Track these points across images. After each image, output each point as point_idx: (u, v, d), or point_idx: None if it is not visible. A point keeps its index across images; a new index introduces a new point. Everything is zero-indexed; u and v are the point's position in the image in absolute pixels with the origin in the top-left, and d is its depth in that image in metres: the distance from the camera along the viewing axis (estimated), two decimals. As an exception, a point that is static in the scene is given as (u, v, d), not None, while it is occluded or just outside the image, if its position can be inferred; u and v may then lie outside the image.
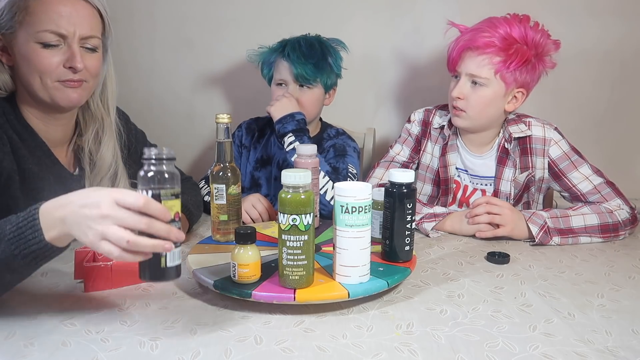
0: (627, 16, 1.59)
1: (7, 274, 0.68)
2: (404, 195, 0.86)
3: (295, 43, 1.33)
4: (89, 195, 0.66)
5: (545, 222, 1.11)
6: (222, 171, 0.98)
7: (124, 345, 0.65)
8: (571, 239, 1.11)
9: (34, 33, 0.89)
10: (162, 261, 0.65)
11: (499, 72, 1.16)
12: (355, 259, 0.77)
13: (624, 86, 1.65)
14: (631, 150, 1.70)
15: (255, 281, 0.78)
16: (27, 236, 0.66)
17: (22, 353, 0.64)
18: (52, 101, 0.94)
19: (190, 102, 1.71)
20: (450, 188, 1.30)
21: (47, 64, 0.90)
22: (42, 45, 0.90)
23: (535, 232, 1.09)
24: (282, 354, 0.64)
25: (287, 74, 1.33)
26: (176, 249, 0.66)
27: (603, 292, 0.85)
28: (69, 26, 0.90)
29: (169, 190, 0.66)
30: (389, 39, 1.63)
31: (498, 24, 1.17)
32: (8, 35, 0.91)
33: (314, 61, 1.31)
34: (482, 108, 1.19)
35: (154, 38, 1.65)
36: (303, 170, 0.74)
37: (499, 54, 1.15)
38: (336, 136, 1.45)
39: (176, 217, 0.66)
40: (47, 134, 0.99)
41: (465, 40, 1.19)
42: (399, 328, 0.71)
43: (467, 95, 1.19)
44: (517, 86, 1.19)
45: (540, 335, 0.70)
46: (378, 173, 1.33)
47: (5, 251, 0.65)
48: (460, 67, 1.20)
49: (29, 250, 0.66)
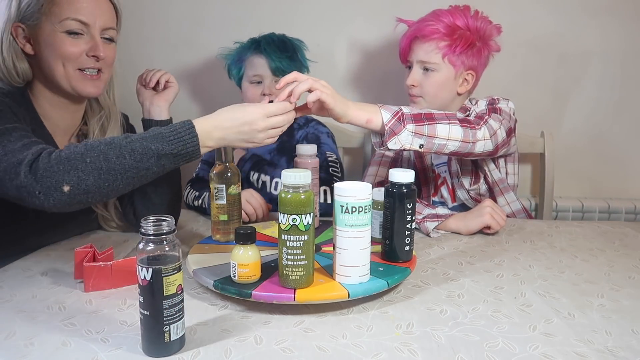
0: (627, 16, 1.59)
1: (154, 167, 0.81)
2: (404, 195, 0.86)
3: (268, 38, 1.38)
4: (241, 116, 0.86)
5: (400, 109, 1.01)
6: (222, 171, 0.98)
7: (124, 345, 0.65)
8: (427, 127, 1.02)
9: (58, 22, 0.94)
10: (166, 336, 0.63)
11: (446, 55, 1.25)
12: (355, 259, 0.77)
13: (624, 86, 1.65)
14: (631, 150, 1.70)
15: (255, 281, 0.78)
16: (186, 140, 0.82)
17: (22, 353, 0.64)
18: (72, 89, 0.99)
19: (189, 102, 1.71)
20: (429, 177, 1.34)
21: (72, 52, 0.96)
22: (67, 34, 0.96)
23: (387, 119, 0.99)
24: (282, 354, 0.64)
25: (263, 68, 1.35)
26: (180, 321, 0.64)
27: (603, 292, 0.85)
28: (91, 16, 0.97)
29: (170, 266, 0.62)
30: (389, 39, 1.63)
31: (441, 14, 1.27)
32: (32, 26, 0.96)
33: (289, 54, 1.36)
34: (435, 92, 1.28)
35: (153, 38, 1.66)
36: (303, 170, 0.74)
37: (444, 39, 1.24)
38: (305, 124, 1.47)
39: (178, 290, 0.63)
40: (56, 122, 1.04)
41: (412, 30, 1.29)
42: (399, 328, 0.71)
43: (420, 82, 1.28)
44: (466, 69, 1.28)
45: (540, 335, 0.70)
46: (372, 171, 1.37)
47: (165, 149, 0.81)
48: (411, 57, 1.30)
49: (185, 150, 0.82)
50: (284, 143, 1.42)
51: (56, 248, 1.02)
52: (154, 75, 1.11)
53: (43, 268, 0.91)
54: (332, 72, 1.67)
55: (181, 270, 0.64)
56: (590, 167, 1.71)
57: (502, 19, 1.28)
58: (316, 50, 1.57)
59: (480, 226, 1.13)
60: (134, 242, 1.06)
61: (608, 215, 1.61)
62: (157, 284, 0.61)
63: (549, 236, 1.15)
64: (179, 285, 0.63)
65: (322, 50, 1.64)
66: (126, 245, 1.05)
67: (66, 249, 1.01)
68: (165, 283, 0.61)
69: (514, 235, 1.16)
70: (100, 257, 0.85)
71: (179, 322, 0.64)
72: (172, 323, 0.63)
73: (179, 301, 0.63)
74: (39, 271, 0.90)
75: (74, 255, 0.84)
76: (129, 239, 1.08)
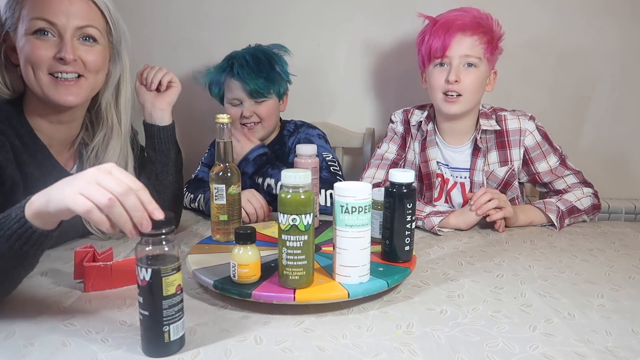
0: (626, 16, 1.59)
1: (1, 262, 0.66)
2: (404, 195, 0.86)
3: (241, 59, 1.33)
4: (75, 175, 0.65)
5: (559, 210, 1.20)
6: (222, 171, 0.98)
7: (124, 345, 0.65)
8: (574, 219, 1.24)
9: (28, 22, 0.88)
10: (165, 336, 0.62)
11: (487, 52, 1.22)
12: (355, 259, 0.77)
13: (624, 86, 1.65)
14: (631, 150, 1.70)
15: (255, 281, 0.78)
16: (10, 216, 0.65)
17: (22, 353, 0.64)
18: (45, 97, 0.91)
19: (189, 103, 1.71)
20: (433, 182, 1.33)
21: (39, 55, 0.89)
22: (34, 36, 0.88)
23: (555, 219, 1.19)
24: (282, 354, 0.64)
25: (239, 92, 1.34)
26: (179, 322, 0.63)
27: (603, 292, 0.85)
28: (60, 14, 0.88)
29: (170, 266, 0.62)
30: (389, 39, 1.63)
31: (469, 11, 1.23)
32: (12, 33, 0.91)
33: (265, 74, 1.33)
34: (475, 89, 1.23)
35: (152, 38, 1.66)
36: (303, 170, 0.74)
37: (487, 33, 1.21)
38: (295, 130, 1.46)
39: (178, 290, 0.63)
40: (51, 134, 0.98)
41: (455, 23, 1.20)
42: (399, 328, 0.71)
43: (463, 79, 1.21)
44: (492, 67, 1.27)
45: (540, 335, 0.70)
46: (369, 173, 1.35)
47: None
48: (451, 52, 1.21)
49: (11, 230, 0.64)
50: (276, 152, 1.42)
51: (56, 248, 1.02)
52: (156, 76, 1.08)
53: (43, 268, 0.91)
54: (332, 72, 1.67)
55: (180, 271, 0.64)
56: (590, 167, 1.71)
57: (502, 19, 1.27)
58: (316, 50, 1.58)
59: (478, 220, 1.15)
60: (134, 242, 1.06)
61: (608, 215, 1.61)
62: (157, 284, 0.61)
63: (549, 236, 1.15)
64: (179, 286, 0.63)
65: (322, 50, 1.64)
66: (126, 245, 1.05)
67: (66, 249, 1.01)
68: (165, 283, 0.61)
69: (514, 235, 1.16)
70: (100, 257, 0.85)
71: (179, 323, 0.64)
72: (171, 323, 0.63)
73: (178, 301, 0.63)
74: (38, 271, 0.90)
75: (74, 255, 0.84)
76: (128, 239, 1.08)
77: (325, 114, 1.60)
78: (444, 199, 1.34)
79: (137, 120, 1.15)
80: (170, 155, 1.11)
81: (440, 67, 1.24)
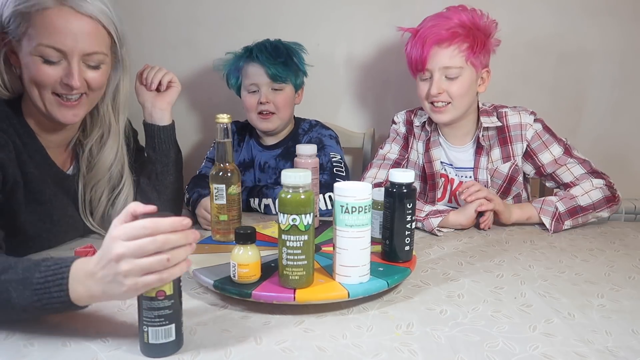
0: (626, 16, 1.59)
1: (21, 314, 0.66)
2: (404, 195, 0.86)
3: (261, 46, 1.37)
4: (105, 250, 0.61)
5: (555, 208, 1.18)
6: (222, 171, 0.98)
7: (124, 345, 0.65)
8: (581, 218, 1.20)
9: (35, 46, 0.87)
10: (145, 336, 0.62)
11: (469, 58, 1.20)
12: (355, 259, 0.77)
13: (624, 86, 1.65)
14: (631, 151, 1.70)
15: (255, 281, 0.78)
16: (52, 293, 0.64)
17: (22, 353, 0.64)
18: (47, 114, 0.92)
19: (189, 103, 1.71)
20: (436, 183, 1.33)
21: (46, 78, 0.89)
22: (42, 60, 0.88)
23: (548, 222, 1.18)
24: (282, 354, 0.64)
25: (258, 76, 1.35)
26: (160, 328, 0.62)
27: (603, 292, 0.85)
28: (69, 42, 0.88)
29: None
30: (389, 39, 1.63)
31: (450, 16, 1.21)
32: (15, 41, 0.90)
33: (283, 59, 1.35)
34: (462, 96, 1.23)
35: (152, 38, 1.66)
36: (303, 170, 0.74)
37: (465, 40, 1.20)
38: (310, 129, 1.47)
39: (159, 295, 0.61)
40: (49, 137, 0.99)
41: (429, 37, 1.20)
42: (399, 328, 0.71)
43: (446, 89, 1.22)
44: (482, 67, 1.25)
45: (540, 335, 0.70)
46: (371, 173, 1.36)
47: (28, 299, 0.64)
48: (430, 64, 1.21)
49: (51, 306, 0.64)
50: (288, 149, 1.42)
51: (56, 248, 1.02)
52: (155, 77, 1.08)
53: (43, 268, 0.91)
54: (332, 72, 1.67)
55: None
56: (590, 167, 1.71)
57: (502, 19, 1.28)
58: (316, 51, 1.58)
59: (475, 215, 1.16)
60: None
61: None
62: None
63: (549, 236, 1.15)
64: (160, 291, 0.61)
65: (322, 50, 1.64)
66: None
67: (66, 249, 1.01)
68: None
69: (514, 235, 1.16)
70: (100, 257, 0.85)
71: (160, 329, 0.62)
72: (150, 326, 0.62)
73: (158, 307, 0.61)
74: (38, 271, 0.90)
75: (74, 255, 0.84)
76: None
77: (326, 114, 1.60)
78: (447, 199, 1.34)
79: (137, 120, 1.15)
80: (170, 155, 1.12)
81: (423, 80, 1.26)
